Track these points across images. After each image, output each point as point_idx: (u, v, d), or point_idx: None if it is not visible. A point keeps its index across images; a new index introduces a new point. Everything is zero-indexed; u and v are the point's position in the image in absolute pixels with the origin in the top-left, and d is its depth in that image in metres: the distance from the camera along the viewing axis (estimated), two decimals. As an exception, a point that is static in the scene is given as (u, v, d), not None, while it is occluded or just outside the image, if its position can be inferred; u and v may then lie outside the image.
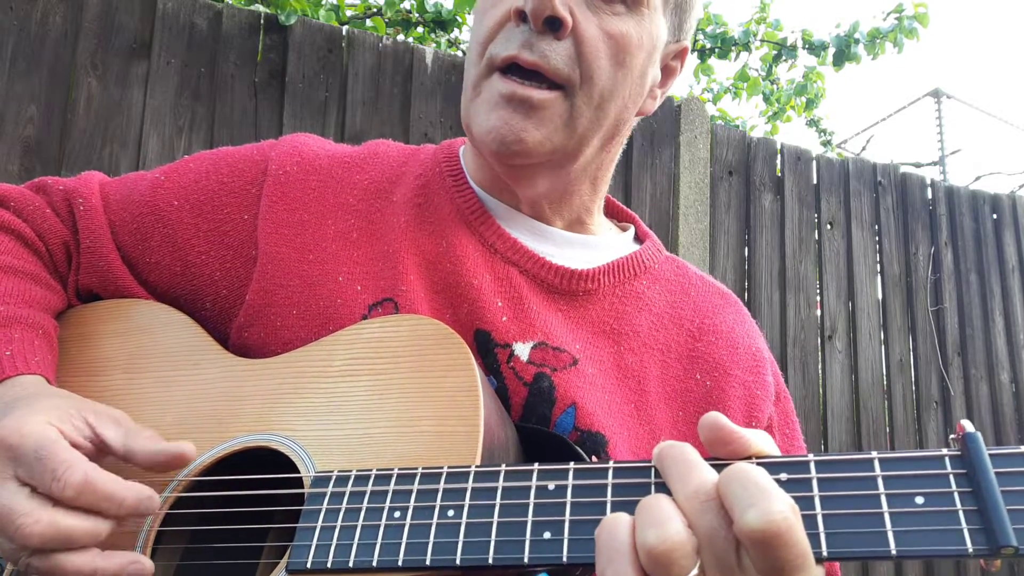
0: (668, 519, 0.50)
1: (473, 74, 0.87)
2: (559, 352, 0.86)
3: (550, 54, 0.82)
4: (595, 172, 0.95)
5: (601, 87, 0.85)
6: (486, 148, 0.85)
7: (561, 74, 0.82)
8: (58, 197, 0.96)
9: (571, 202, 0.95)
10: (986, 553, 0.49)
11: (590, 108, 0.85)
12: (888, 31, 4.02)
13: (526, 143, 0.83)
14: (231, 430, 0.78)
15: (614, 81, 0.86)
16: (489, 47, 0.85)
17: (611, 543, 0.51)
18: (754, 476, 0.50)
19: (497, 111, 0.83)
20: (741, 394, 0.92)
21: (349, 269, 0.88)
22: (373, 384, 0.74)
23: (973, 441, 0.52)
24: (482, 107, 0.85)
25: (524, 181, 0.90)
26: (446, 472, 0.63)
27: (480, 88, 0.86)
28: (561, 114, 0.84)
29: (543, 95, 0.83)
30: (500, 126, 0.83)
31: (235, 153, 0.98)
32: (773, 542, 0.48)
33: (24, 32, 2.13)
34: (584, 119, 0.85)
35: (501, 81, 0.84)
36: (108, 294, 0.95)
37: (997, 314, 3.53)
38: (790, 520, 0.48)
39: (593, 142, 0.89)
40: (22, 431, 0.67)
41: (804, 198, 3.20)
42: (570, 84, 0.83)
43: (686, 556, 0.50)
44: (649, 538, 0.49)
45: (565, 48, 0.83)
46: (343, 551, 0.61)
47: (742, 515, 0.48)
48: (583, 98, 0.84)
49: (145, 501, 0.69)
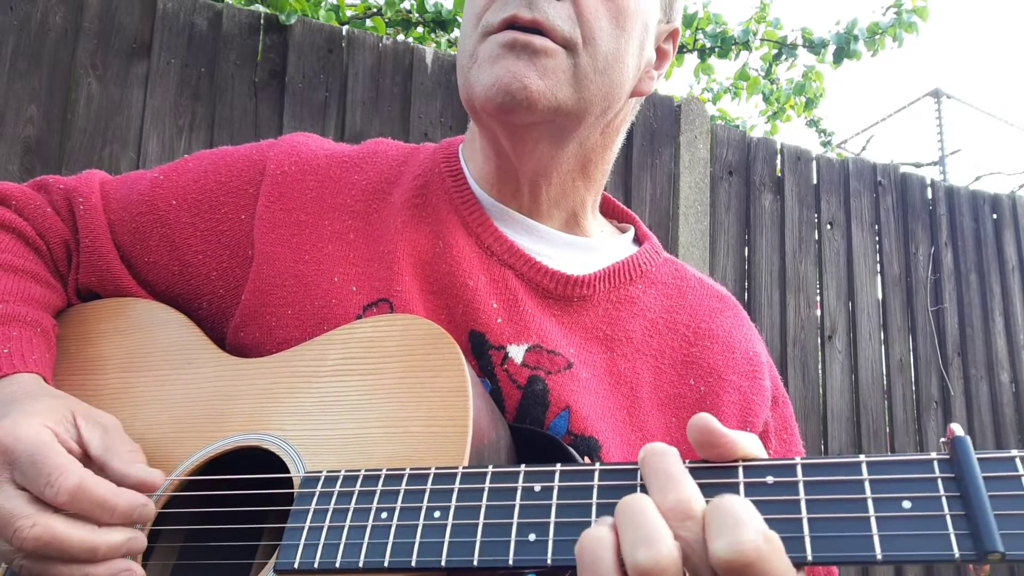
0: (658, 538, 0.50)
1: (469, 44, 0.86)
2: (554, 355, 0.85)
3: (549, 11, 0.81)
4: (589, 155, 0.93)
5: (605, 50, 0.84)
6: (491, 104, 0.82)
7: (563, 31, 0.81)
8: (59, 196, 0.97)
9: (567, 192, 0.94)
10: (973, 558, 0.48)
11: (595, 72, 0.84)
12: (888, 26, 4.01)
13: (530, 90, 0.80)
14: (224, 429, 0.78)
15: (617, 44, 0.85)
16: (485, 15, 0.84)
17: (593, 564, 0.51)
18: (729, 504, 0.50)
19: (499, 62, 0.81)
20: (736, 399, 0.91)
21: (344, 270, 0.88)
22: (364, 384, 0.74)
23: (962, 445, 0.51)
24: (483, 66, 0.83)
25: (526, 145, 0.88)
26: (433, 473, 0.63)
27: (477, 53, 0.84)
28: (566, 69, 0.82)
29: (546, 42, 0.81)
30: (503, 75, 0.81)
31: (234, 153, 0.98)
32: (742, 571, 0.48)
33: (24, 32, 2.13)
34: (590, 81, 0.84)
35: (500, 34, 0.82)
36: (107, 293, 0.95)
37: (997, 314, 3.52)
38: (760, 549, 0.48)
39: (595, 110, 0.87)
40: (17, 434, 0.67)
41: (804, 198, 3.20)
42: (572, 43, 0.82)
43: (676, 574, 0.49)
44: (640, 558, 0.49)
45: (564, 8, 0.82)
46: (330, 551, 0.61)
47: (712, 543, 0.48)
48: (587, 59, 0.83)
49: (139, 508, 0.69)
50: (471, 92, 0.85)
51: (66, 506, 0.65)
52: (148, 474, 0.73)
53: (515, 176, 0.92)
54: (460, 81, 0.88)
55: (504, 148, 0.89)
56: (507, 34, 0.81)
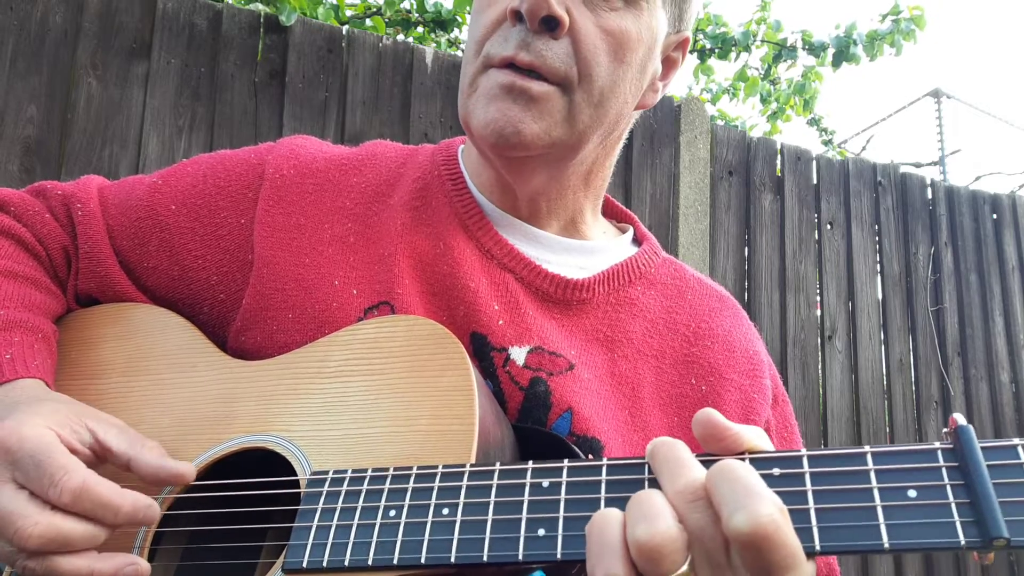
0: (658, 514, 0.50)
1: (470, 71, 0.87)
2: (555, 357, 0.85)
3: (547, 54, 0.81)
4: (591, 168, 0.94)
5: (600, 84, 0.84)
6: (485, 142, 0.84)
7: (558, 73, 0.82)
8: (57, 202, 0.96)
9: (567, 202, 0.95)
10: (978, 545, 0.49)
11: (590, 106, 0.85)
12: (886, 33, 4.03)
13: (524, 135, 0.82)
14: (228, 431, 0.78)
15: (613, 78, 0.85)
16: (486, 45, 0.85)
17: (601, 538, 0.52)
18: (742, 476, 0.50)
19: (495, 103, 0.82)
20: (737, 398, 0.91)
21: (345, 273, 0.88)
22: (369, 384, 0.74)
23: (965, 434, 0.52)
24: (480, 100, 0.84)
25: (523, 175, 0.89)
26: (441, 471, 0.63)
27: (477, 83, 0.85)
28: (560, 109, 0.83)
29: (542, 87, 0.82)
30: (499, 118, 0.82)
31: (232, 157, 0.98)
32: (761, 544, 0.48)
33: (24, 32, 2.13)
34: (584, 115, 0.85)
35: (499, 72, 0.83)
36: (106, 299, 0.95)
37: (997, 314, 3.53)
38: (777, 522, 0.48)
39: (593, 139, 0.88)
40: (20, 434, 0.67)
41: (804, 198, 3.20)
42: (568, 81, 0.83)
43: (676, 552, 0.50)
44: (639, 533, 0.50)
45: (562, 47, 0.82)
46: (339, 550, 0.61)
47: (730, 517, 0.49)
48: (582, 95, 0.84)
49: (143, 510, 0.68)
50: (468, 121, 0.86)
51: (69, 506, 0.65)
52: (180, 468, 0.73)
53: (513, 192, 0.93)
54: (460, 103, 0.89)
55: (502, 174, 0.91)
56: (506, 75, 0.82)
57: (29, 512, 0.65)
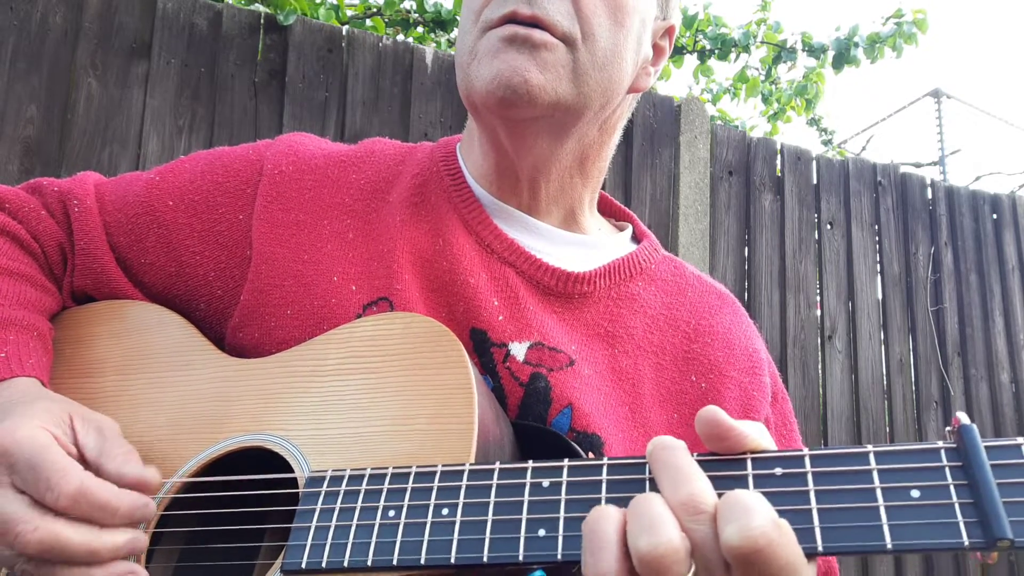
0: (661, 524, 0.50)
1: (468, 40, 0.86)
2: (555, 352, 0.85)
3: (548, 7, 0.81)
4: (588, 151, 0.94)
5: (604, 45, 0.84)
6: (492, 97, 0.82)
7: (561, 26, 0.82)
8: (53, 198, 0.96)
9: (564, 189, 0.94)
10: (982, 546, 0.48)
11: (595, 68, 0.84)
12: (887, 36, 4.02)
13: (531, 84, 0.80)
14: (225, 430, 0.78)
15: (615, 40, 0.85)
16: (484, 12, 0.84)
17: (595, 536, 0.52)
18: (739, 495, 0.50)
19: (499, 56, 0.81)
20: (737, 395, 0.91)
21: (344, 269, 0.87)
22: (367, 383, 0.74)
23: (969, 433, 0.51)
24: (483, 61, 0.83)
25: (525, 140, 0.88)
26: (440, 471, 0.62)
27: (477, 48, 0.84)
28: (565, 64, 0.83)
29: (546, 36, 0.81)
30: (504, 68, 0.81)
31: (231, 153, 0.98)
32: (753, 558, 0.48)
33: (24, 32, 2.13)
34: (590, 77, 0.84)
35: (499, 28, 0.82)
36: (102, 296, 0.94)
37: (997, 314, 3.52)
38: (769, 535, 0.48)
39: (594, 105, 0.87)
40: (16, 436, 0.67)
41: (804, 198, 3.20)
42: (570, 38, 0.82)
43: (679, 563, 0.50)
44: (642, 544, 0.50)
45: (564, 4, 0.82)
46: (338, 551, 0.61)
47: (722, 531, 0.49)
48: (586, 54, 0.83)
49: (140, 509, 0.68)
50: (471, 87, 0.85)
51: (67, 510, 0.65)
52: (144, 474, 0.71)
53: (514, 173, 0.92)
54: (459, 77, 0.88)
55: (503, 144, 0.89)
56: (507, 28, 0.81)
57: (28, 517, 0.64)
